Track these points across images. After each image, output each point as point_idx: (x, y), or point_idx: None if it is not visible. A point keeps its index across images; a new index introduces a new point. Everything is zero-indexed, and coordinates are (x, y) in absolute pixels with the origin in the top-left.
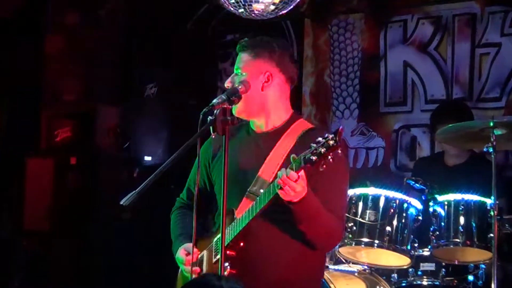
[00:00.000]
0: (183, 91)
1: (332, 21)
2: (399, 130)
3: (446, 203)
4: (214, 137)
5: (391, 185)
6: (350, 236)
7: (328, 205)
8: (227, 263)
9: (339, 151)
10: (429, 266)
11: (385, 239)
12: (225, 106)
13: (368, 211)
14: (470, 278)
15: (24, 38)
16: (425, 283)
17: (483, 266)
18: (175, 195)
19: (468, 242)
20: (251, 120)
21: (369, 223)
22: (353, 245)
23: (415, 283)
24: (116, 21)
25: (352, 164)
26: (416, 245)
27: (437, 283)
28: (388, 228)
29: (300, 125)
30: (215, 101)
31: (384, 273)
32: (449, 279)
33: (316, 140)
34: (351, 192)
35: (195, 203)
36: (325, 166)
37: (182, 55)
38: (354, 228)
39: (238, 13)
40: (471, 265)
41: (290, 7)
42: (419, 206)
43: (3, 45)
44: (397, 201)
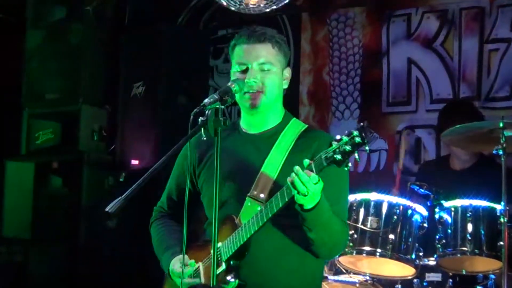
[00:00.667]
0: (172, 90)
1: (331, 15)
2: (403, 131)
3: (453, 209)
4: (205, 139)
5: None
6: (351, 244)
7: (335, 208)
8: (231, 275)
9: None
10: (435, 277)
11: (388, 247)
12: (218, 106)
13: (370, 218)
14: None
15: (3, 33)
16: None
17: (492, 276)
18: None
19: (476, 250)
20: (247, 119)
21: (371, 230)
22: (354, 254)
23: None
24: (102, 16)
25: (352, 168)
26: (421, 254)
27: None
28: (392, 236)
29: (295, 125)
30: (206, 100)
31: (387, 284)
32: None
33: (337, 138)
34: (351, 197)
35: (185, 211)
36: (350, 165)
37: (171, 52)
38: (355, 236)
39: (232, 4)
40: (480, 275)
41: (284, 2)
42: (424, 212)
43: None
44: (401, 207)
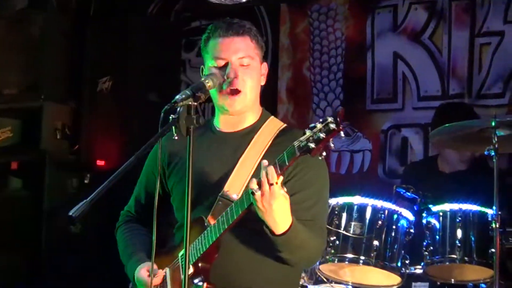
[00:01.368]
0: (141, 85)
1: (312, 6)
2: (388, 130)
3: (441, 214)
4: (177, 138)
5: (379, 193)
6: (332, 251)
7: (308, 213)
8: (199, 278)
9: (322, 154)
10: (422, 286)
11: (372, 255)
12: (190, 103)
13: (353, 223)
14: None
15: None
16: None
17: (483, 285)
18: None
19: (466, 258)
20: (222, 117)
21: (354, 236)
22: (335, 261)
23: None
24: (66, 6)
25: (334, 169)
26: (407, 261)
27: None
28: (376, 243)
29: (272, 123)
30: (178, 97)
31: None
32: None
33: (311, 126)
34: (333, 201)
35: (154, 214)
36: (324, 153)
37: (140, 44)
38: (337, 242)
39: None
40: (470, 284)
41: None
42: (411, 217)
43: None
44: (386, 211)
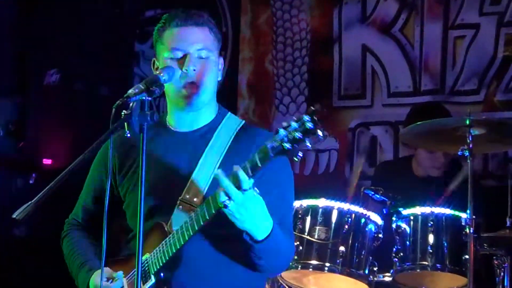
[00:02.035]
0: (92, 78)
1: None
2: (356, 128)
3: (412, 217)
4: (129, 136)
5: (345, 195)
6: (295, 257)
7: (276, 216)
8: None
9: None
10: None
11: (338, 261)
12: (144, 98)
13: (317, 227)
14: None
15: None
16: None
17: None
18: None
19: (438, 265)
20: (176, 115)
21: (319, 241)
22: (299, 268)
23: None
24: None
25: (298, 169)
26: (375, 269)
27: None
28: (342, 248)
29: (231, 121)
30: (131, 91)
31: None
32: None
33: (285, 125)
34: (297, 204)
35: (104, 220)
36: (301, 155)
37: (91, 34)
38: (301, 248)
39: None
40: None
41: None
42: (380, 221)
43: None
44: (353, 215)
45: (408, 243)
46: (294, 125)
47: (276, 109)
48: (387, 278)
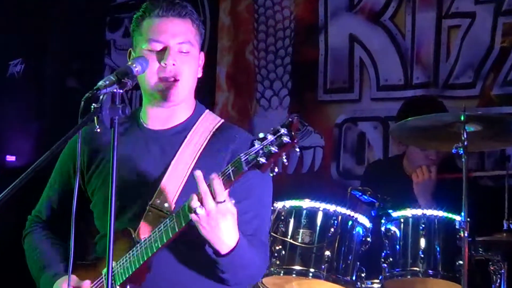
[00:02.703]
0: (59, 69)
1: None
2: (343, 124)
3: (402, 220)
4: (99, 130)
5: (331, 196)
6: (277, 262)
7: (250, 226)
8: None
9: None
10: None
11: (323, 267)
12: (115, 90)
13: (301, 230)
14: None
15: None
16: None
17: None
18: None
19: (430, 271)
20: (151, 111)
21: (303, 245)
22: (281, 274)
23: None
24: None
25: (281, 168)
26: (363, 274)
27: None
28: (327, 253)
29: (208, 119)
30: (101, 83)
31: None
32: None
33: (260, 137)
34: (279, 205)
35: (72, 221)
36: (277, 170)
37: (58, 21)
38: (283, 252)
39: None
40: None
41: None
42: (368, 224)
43: None
44: (340, 217)
45: (398, 247)
46: (270, 138)
47: (257, 103)
48: (376, 285)
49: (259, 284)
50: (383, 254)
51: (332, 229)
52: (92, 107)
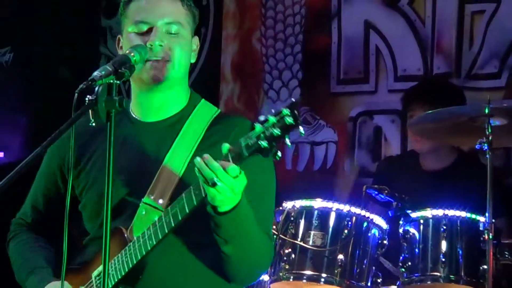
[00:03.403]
0: (51, 58)
1: None
2: (357, 118)
3: (422, 221)
4: (94, 125)
5: (345, 195)
6: (287, 267)
7: (255, 217)
8: None
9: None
10: None
11: (336, 271)
12: (111, 81)
13: (312, 232)
14: None
15: None
16: None
17: None
18: None
19: (452, 276)
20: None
21: (314, 249)
22: (291, 279)
23: None
24: None
25: (290, 165)
26: (379, 280)
27: None
28: (341, 257)
29: (204, 109)
30: (96, 73)
31: None
32: None
33: (261, 119)
34: (289, 204)
35: (66, 221)
36: (280, 154)
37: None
38: (293, 256)
39: None
40: None
41: None
42: (384, 225)
43: None
44: (354, 218)
45: (417, 250)
46: (272, 119)
47: (264, 94)
48: None
49: None
50: (401, 258)
51: (346, 231)
52: (87, 99)
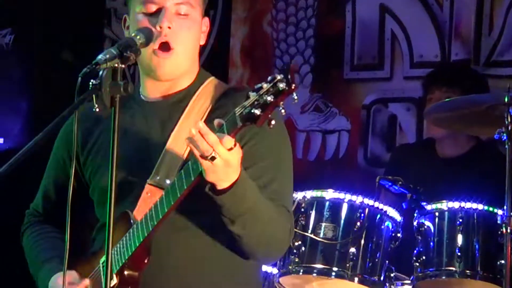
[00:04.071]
0: (54, 41)
1: None
2: (371, 106)
3: (437, 214)
4: (98, 110)
5: (358, 186)
6: (296, 260)
7: (269, 189)
8: None
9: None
10: None
11: (347, 265)
12: (116, 65)
13: (323, 224)
14: None
15: None
16: None
17: None
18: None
19: (468, 271)
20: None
21: (325, 241)
22: (300, 273)
23: None
24: None
25: (301, 154)
26: (392, 274)
27: None
28: (353, 250)
29: (212, 85)
30: (101, 57)
31: None
32: None
33: (256, 87)
34: (299, 195)
35: (68, 211)
36: (273, 123)
37: None
38: (303, 248)
39: None
40: None
41: None
42: (398, 218)
43: None
44: (367, 210)
45: (432, 244)
46: (266, 86)
47: None
48: (407, 286)
49: (276, 284)
50: (415, 251)
51: (358, 223)
52: (91, 83)
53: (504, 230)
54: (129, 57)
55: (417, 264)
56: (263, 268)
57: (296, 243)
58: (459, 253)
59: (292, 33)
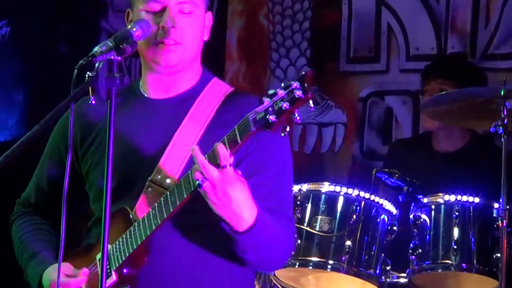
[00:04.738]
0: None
1: None
2: (367, 98)
3: (433, 207)
4: (94, 102)
5: (354, 179)
6: (292, 253)
7: (272, 200)
8: None
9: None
10: None
11: (343, 258)
12: (112, 57)
13: (319, 217)
14: None
15: None
16: None
17: None
18: None
19: (464, 265)
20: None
21: (321, 234)
22: (296, 266)
23: None
24: None
25: (298, 147)
26: (388, 268)
27: None
28: (348, 243)
29: (216, 87)
30: (97, 49)
31: None
32: None
33: (270, 93)
34: (295, 188)
35: (64, 203)
36: (288, 130)
37: None
38: (299, 241)
39: None
40: None
41: None
42: (394, 211)
43: None
44: (362, 203)
45: (428, 237)
46: (281, 93)
47: (271, 73)
48: (402, 279)
49: (271, 277)
50: (411, 244)
51: (354, 216)
52: (87, 76)
53: (500, 223)
54: (125, 49)
55: (413, 257)
56: None
57: None
58: (455, 246)
59: (288, 25)
